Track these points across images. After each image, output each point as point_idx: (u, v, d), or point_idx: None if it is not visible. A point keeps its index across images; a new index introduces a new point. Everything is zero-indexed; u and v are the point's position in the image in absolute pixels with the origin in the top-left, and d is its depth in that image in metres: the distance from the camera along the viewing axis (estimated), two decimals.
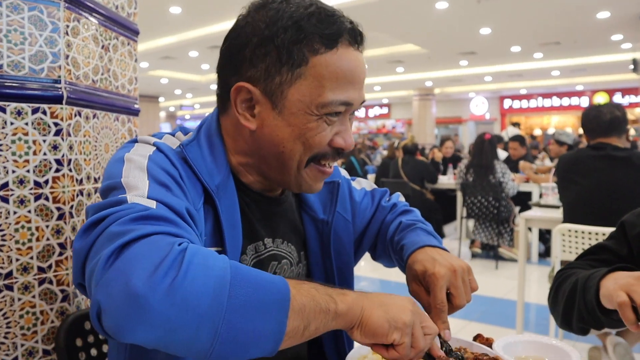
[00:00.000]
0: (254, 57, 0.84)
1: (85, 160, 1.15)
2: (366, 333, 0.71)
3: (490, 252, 6.00)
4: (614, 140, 2.68)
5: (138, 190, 0.73)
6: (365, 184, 1.23)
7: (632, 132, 11.18)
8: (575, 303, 1.13)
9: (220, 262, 0.64)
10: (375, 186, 1.24)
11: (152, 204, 0.70)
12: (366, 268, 5.74)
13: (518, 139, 7.06)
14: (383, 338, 0.71)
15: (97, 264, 0.62)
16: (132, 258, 0.61)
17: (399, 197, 1.25)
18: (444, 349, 0.85)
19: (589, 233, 2.61)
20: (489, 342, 0.97)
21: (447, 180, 6.84)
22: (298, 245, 1.04)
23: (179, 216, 0.72)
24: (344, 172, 1.18)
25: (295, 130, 0.85)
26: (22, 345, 1.04)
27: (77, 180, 1.12)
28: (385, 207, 1.20)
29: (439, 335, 0.86)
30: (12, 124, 1.01)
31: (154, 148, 0.85)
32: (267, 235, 0.98)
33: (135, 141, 0.88)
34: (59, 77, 1.07)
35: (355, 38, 0.87)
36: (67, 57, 1.09)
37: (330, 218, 1.05)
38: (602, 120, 2.67)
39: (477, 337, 1.00)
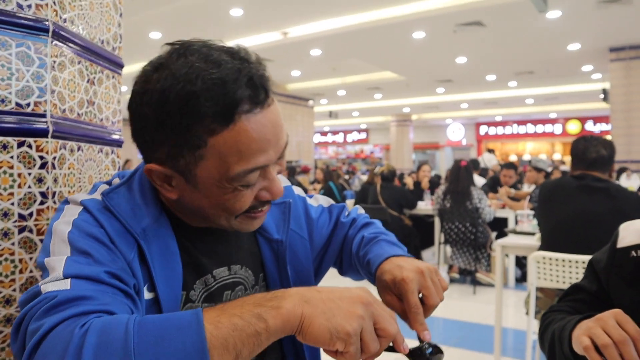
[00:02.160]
0: (155, 142, 0.82)
1: (69, 192, 1.16)
2: (307, 340, 0.68)
3: (467, 277, 6.06)
4: (597, 174, 2.76)
5: (54, 271, 0.74)
6: (322, 200, 1.22)
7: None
8: (555, 354, 1.18)
9: (121, 330, 0.63)
10: (333, 202, 1.23)
11: (66, 284, 0.71)
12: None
13: (512, 167, 7.14)
14: (326, 347, 0.68)
15: None
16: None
17: (358, 210, 1.23)
18: (427, 349, 0.83)
19: (563, 260, 2.67)
20: None
21: (424, 206, 6.92)
22: (255, 268, 1.03)
23: (99, 282, 0.73)
24: (298, 191, 1.17)
25: (212, 200, 0.84)
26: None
27: None
28: (345, 222, 1.18)
29: (419, 338, 0.86)
30: None
31: (80, 208, 0.85)
32: (218, 265, 0.97)
33: (66, 202, 0.90)
34: (45, 111, 1.09)
35: (257, 99, 0.79)
36: (53, 91, 1.11)
37: (284, 237, 1.04)
38: (587, 156, 2.76)
39: None
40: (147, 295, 0.85)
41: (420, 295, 0.90)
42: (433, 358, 0.83)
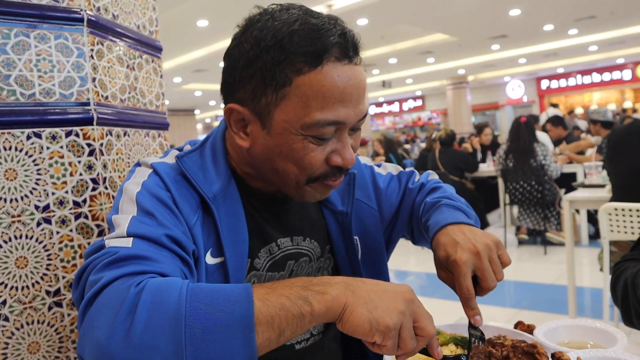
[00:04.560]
0: (242, 79, 0.85)
1: (119, 177, 1.19)
2: (347, 329, 0.69)
3: (537, 237, 5.86)
4: None
5: (119, 228, 0.78)
6: (391, 168, 1.20)
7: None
8: (629, 301, 1.11)
9: (175, 293, 0.65)
10: (402, 169, 1.21)
11: (129, 242, 0.75)
12: (412, 263, 5.70)
13: (551, 119, 6.86)
14: (364, 337, 0.69)
15: (78, 317, 0.69)
16: (95, 311, 0.66)
17: (429, 176, 1.20)
18: (473, 339, 0.83)
19: (638, 210, 2.51)
20: (530, 329, 0.95)
21: (486, 168, 6.72)
22: (322, 240, 1.04)
23: (159, 244, 0.77)
24: (365, 160, 1.17)
25: (283, 150, 0.84)
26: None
27: (113, 197, 1.16)
28: (413, 188, 1.16)
29: (470, 323, 0.85)
30: (48, 148, 1.06)
31: (150, 171, 0.90)
32: (283, 234, 0.98)
33: (138, 164, 0.94)
34: (88, 99, 1.11)
35: (347, 51, 0.82)
36: (94, 79, 1.13)
37: (349, 209, 1.04)
38: None
39: (518, 325, 0.98)
40: (211, 260, 0.87)
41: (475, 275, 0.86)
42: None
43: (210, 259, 0.87)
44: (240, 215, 0.91)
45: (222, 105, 0.91)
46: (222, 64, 0.92)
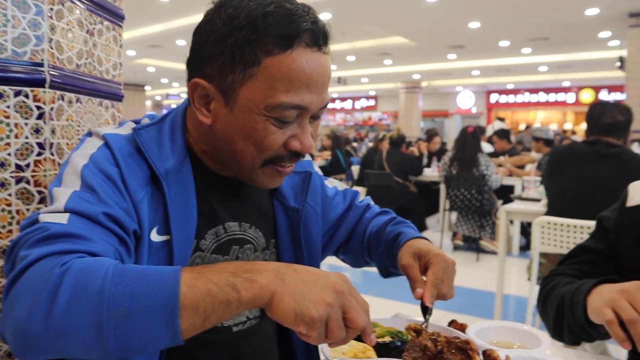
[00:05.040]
0: (211, 55, 0.85)
1: (67, 144, 1.15)
2: (274, 317, 0.69)
3: (472, 244, 6.07)
4: (611, 140, 2.72)
5: (58, 201, 0.77)
6: (336, 183, 1.26)
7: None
8: (564, 318, 1.13)
9: (100, 275, 0.65)
10: (347, 187, 1.28)
11: (64, 218, 0.74)
12: None
13: (498, 132, 7.14)
14: (290, 326, 0.69)
15: (4, 292, 0.69)
16: (19, 290, 0.66)
17: (370, 201, 1.29)
18: (395, 345, 0.90)
19: (568, 226, 2.66)
20: (462, 328, 0.99)
21: (431, 173, 6.90)
22: (267, 231, 1.05)
23: (95, 222, 0.76)
24: (317, 168, 1.20)
25: (244, 129, 0.85)
26: None
27: (59, 164, 1.12)
28: (360, 206, 1.23)
29: (422, 304, 0.93)
30: None
31: (101, 142, 0.88)
32: (231, 218, 0.98)
33: (89, 134, 0.92)
34: (42, 60, 1.07)
35: (317, 39, 0.84)
36: (50, 40, 1.09)
37: (300, 206, 1.07)
38: (602, 121, 2.71)
39: (452, 323, 1.02)
40: (156, 237, 0.87)
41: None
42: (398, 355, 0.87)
43: (155, 236, 0.86)
44: (191, 194, 0.90)
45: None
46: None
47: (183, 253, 0.88)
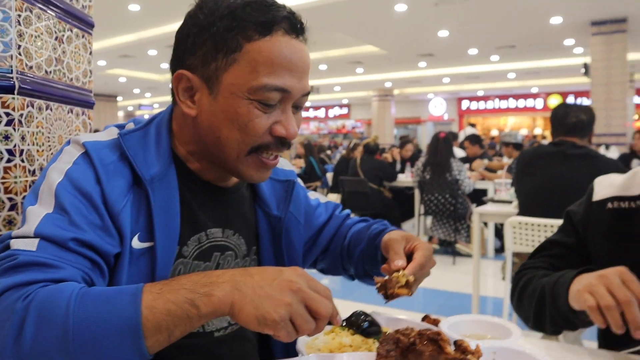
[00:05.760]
0: (194, 46, 0.88)
1: (38, 151, 1.14)
2: (239, 323, 0.72)
3: (447, 248, 6.14)
4: (576, 140, 2.78)
5: (29, 224, 0.77)
6: (318, 195, 1.28)
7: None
8: (545, 309, 1.15)
9: (63, 304, 0.67)
10: (328, 200, 1.30)
11: (33, 245, 0.75)
12: None
13: (469, 137, 7.28)
14: (257, 331, 0.71)
15: None
16: None
17: (349, 212, 1.31)
18: (361, 318, 0.95)
19: (538, 225, 2.72)
20: (435, 322, 1.01)
21: (405, 179, 6.96)
22: (249, 239, 1.06)
23: (65, 249, 0.76)
24: (300, 180, 1.21)
25: (228, 114, 0.87)
26: None
27: (29, 171, 1.11)
28: (340, 216, 1.26)
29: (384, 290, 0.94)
30: None
31: (80, 152, 0.87)
32: (214, 225, 0.99)
33: (68, 143, 0.90)
34: (11, 67, 1.06)
35: (294, 27, 0.89)
36: (19, 47, 1.08)
37: (283, 215, 1.08)
38: (566, 121, 2.78)
39: (425, 318, 1.04)
40: (138, 245, 0.86)
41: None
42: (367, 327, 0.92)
43: (137, 244, 0.86)
44: (175, 200, 0.90)
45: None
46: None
47: (166, 260, 0.88)
